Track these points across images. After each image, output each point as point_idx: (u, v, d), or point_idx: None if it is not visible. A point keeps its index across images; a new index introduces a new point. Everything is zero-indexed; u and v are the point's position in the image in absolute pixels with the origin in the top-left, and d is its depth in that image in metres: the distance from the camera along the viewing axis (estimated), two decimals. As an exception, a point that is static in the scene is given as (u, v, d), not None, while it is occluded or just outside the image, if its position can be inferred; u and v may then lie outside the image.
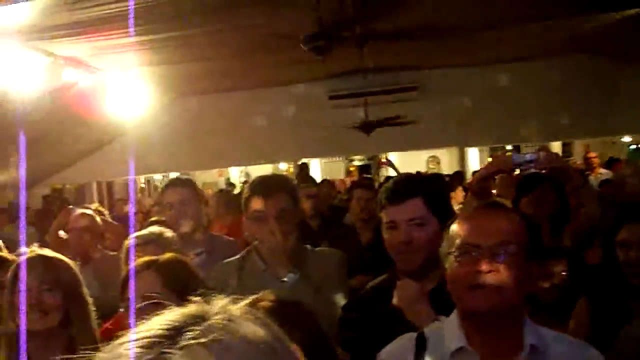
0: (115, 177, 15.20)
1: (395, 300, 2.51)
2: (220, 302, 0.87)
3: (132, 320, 2.06)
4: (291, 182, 3.51)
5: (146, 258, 2.42)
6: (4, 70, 6.74)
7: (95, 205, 6.79)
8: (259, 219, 3.16)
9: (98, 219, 5.14)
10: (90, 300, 2.67)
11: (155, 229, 3.43)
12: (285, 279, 3.09)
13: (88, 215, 5.08)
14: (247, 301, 0.89)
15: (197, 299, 0.88)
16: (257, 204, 3.17)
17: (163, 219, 4.33)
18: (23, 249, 2.72)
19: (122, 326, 2.30)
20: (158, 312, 0.85)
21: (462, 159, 13.00)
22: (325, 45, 6.84)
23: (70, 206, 6.05)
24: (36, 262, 2.57)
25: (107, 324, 3.26)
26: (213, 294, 0.89)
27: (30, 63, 6.91)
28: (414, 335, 2.14)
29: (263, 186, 3.24)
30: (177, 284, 2.24)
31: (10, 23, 6.15)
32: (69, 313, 2.55)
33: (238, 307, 0.87)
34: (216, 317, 0.83)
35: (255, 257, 3.24)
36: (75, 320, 2.56)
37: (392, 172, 11.86)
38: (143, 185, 20.16)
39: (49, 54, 7.53)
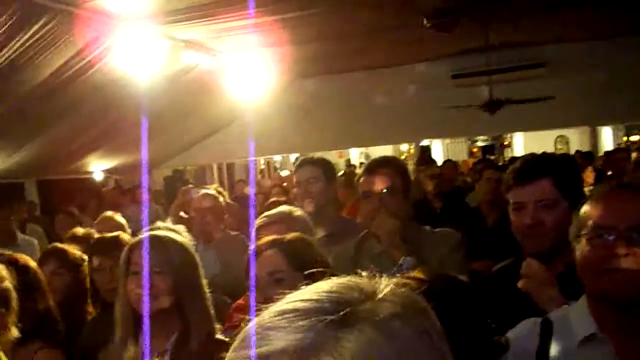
0: (235, 159, 15.58)
1: (521, 283, 2.46)
2: (385, 281, 0.83)
3: (252, 297, 2.11)
4: (400, 162, 3.54)
5: (271, 237, 2.46)
6: (127, 55, 7.03)
7: (214, 186, 6.99)
8: (366, 198, 3.20)
9: (221, 199, 5.29)
10: (205, 282, 2.67)
11: (285, 208, 3.47)
12: (401, 262, 3.07)
13: (211, 195, 5.24)
14: (405, 281, 0.85)
15: (364, 273, 0.84)
16: (364, 183, 3.24)
17: (283, 199, 4.39)
18: (146, 229, 2.79)
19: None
20: (282, 290, 0.82)
21: (594, 139, 12.52)
22: (450, 21, 6.75)
23: (190, 186, 6.22)
24: (147, 244, 2.58)
25: (239, 300, 3.35)
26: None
27: (152, 47, 7.14)
28: (538, 320, 2.09)
29: (369, 166, 3.32)
30: (301, 263, 2.26)
31: (131, 9, 6.40)
32: (181, 296, 2.56)
33: (401, 288, 0.83)
34: (384, 297, 0.80)
35: (372, 240, 3.26)
36: (188, 303, 2.56)
37: (517, 153, 11.60)
38: (263, 167, 20.59)
39: (169, 38, 7.78)
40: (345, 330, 0.74)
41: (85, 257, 3.72)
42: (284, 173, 16.79)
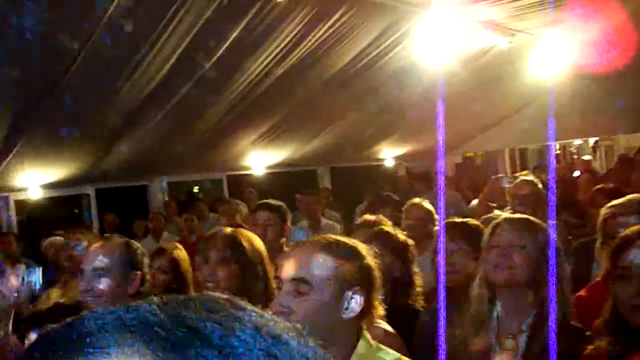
0: (530, 144, 15.29)
1: None
2: None
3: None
4: None
5: (637, 227, 2.45)
6: (423, 40, 7.23)
7: (525, 172, 6.98)
8: None
9: (540, 186, 5.30)
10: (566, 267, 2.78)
11: (636, 196, 3.44)
12: None
13: (531, 182, 5.30)
14: None
15: None
16: None
17: (610, 186, 4.31)
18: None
19: (599, 295, 2.38)
20: None
21: None
22: None
23: (500, 175, 6.28)
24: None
25: (580, 292, 3.37)
26: None
27: (448, 30, 7.26)
28: None
29: None
30: None
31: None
32: (539, 276, 2.62)
33: None
34: None
35: None
36: (546, 285, 2.59)
37: None
38: (558, 152, 20.00)
39: (466, 20, 7.87)
40: None
41: (410, 241, 3.89)
42: (586, 158, 16.21)
